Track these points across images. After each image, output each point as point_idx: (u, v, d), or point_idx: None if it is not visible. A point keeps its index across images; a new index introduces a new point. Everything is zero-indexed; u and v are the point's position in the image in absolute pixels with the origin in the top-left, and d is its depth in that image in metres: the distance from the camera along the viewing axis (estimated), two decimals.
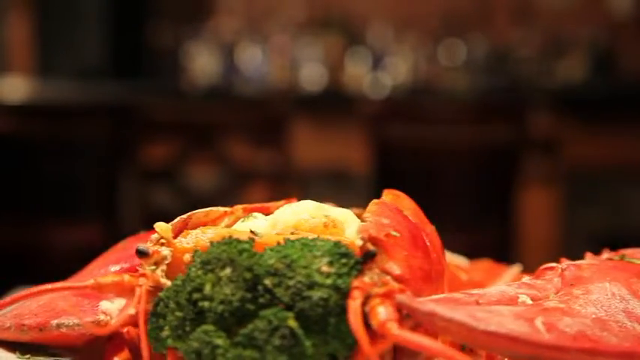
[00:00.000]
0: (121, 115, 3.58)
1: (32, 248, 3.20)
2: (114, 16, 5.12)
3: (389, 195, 0.90)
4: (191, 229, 0.85)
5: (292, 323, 0.70)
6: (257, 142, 3.74)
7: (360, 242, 0.74)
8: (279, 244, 0.75)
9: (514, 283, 0.77)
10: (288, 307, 0.71)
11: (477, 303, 0.69)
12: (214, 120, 3.78)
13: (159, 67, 5.19)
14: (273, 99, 4.18)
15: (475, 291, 0.74)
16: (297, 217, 0.83)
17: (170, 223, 0.85)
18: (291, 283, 0.71)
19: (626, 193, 3.89)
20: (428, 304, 0.66)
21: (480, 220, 3.09)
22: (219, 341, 0.71)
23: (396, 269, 0.72)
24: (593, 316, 0.68)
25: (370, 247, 0.73)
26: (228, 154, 3.70)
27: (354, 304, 0.68)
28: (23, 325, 0.88)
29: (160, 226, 0.84)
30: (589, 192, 3.88)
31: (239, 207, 0.90)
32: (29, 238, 3.20)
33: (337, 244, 0.73)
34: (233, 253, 0.74)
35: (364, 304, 0.69)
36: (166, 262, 0.81)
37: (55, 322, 0.86)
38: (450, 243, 0.97)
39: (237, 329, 0.72)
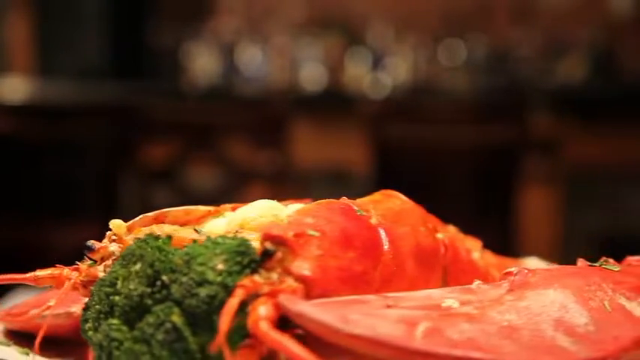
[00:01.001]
0: (121, 115, 3.57)
1: (32, 248, 3.20)
2: (114, 16, 5.12)
3: (378, 195, 0.90)
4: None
5: (176, 319, 0.71)
6: (257, 142, 3.74)
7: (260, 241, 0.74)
8: (192, 241, 0.77)
9: (453, 288, 0.76)
10: (179, 303, 0.72)
11: (388, 306, 0.67)
12: (214, 120, 3.78)
13: (159, 67, 5.19)
14: (273, 99, 4.17)
15: (394, 294, 0.72)
16: (245, 216, 0.83)
17: (133, 220, 0.88)
18: (184, 279, 0.72)
19: (626, 193, 3.89)
20: (300, 304, 0.65)
21: (479, 220, 3.09)
22: (117, 334, 0.74)
23: (298, 269, 0.71)
24: (505, 323, 0.66)
25: (268, 245, 0.72)
26: (228, 154, 3.70)
27: (230, 302, 0.68)
28: (10, 314, 0.93)
29: (114, 222, 0.87)
30: (589, 192, 3.88)
31: (227, 206, 0.91)
32: (29, 238, 3.20)
33: (240, 242, 0.74)
34: (144, 250, 0.76)
35: (252, 302, 0.69)
36: (113, 257, 0.83)
37: (37, 310, 0.89)
38: None
39: (137, 323, 0.74)
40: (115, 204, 3.39)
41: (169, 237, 0.77)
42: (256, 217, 0.83)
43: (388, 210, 0.86)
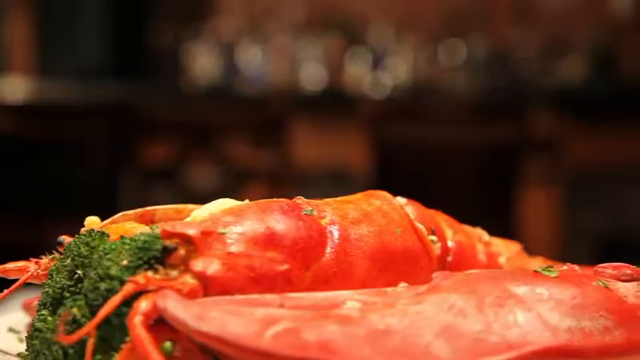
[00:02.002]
0: (121, 115, 3.57)
1: (32, 248, 3.19)
2: (114, 16, 5.12)
3: (359, 194, 0.90)
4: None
5: (77, 311, 0.74)
6: (257, 142, 3.74)
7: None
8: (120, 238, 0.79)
9: (371, 290, 0.75)
10: (86, 297, 0.74)
11: (280, 306, 0.67)
12: (214, 120, 3.78)
13: (159, 67, 5.19)
14: (273, 99, 4.17)
15: (297, 294, 0.71)
16: (195, 214, 0.84)
17: (112, 217, 0.90)
18: (92, 274, 0.74)
19: (627, 193, 3.88)
20: (168, 300, 0.65)
21: (479, 220, 3.09)
22: (40, 325, 0.77)
23: (197, 266, 0.71)
24: (380, 327, 0.64)
25: (167, 242, 0.73)
26: (228, 154, 3.70)
27: (114, 297, 0.69)
28: None
29: (88, 219, 0.90)
30: (589, 192, 3.88)
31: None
32: (29, 238, 3.20)
33: (146, 239, 0.74)
34: (76, 245, 0.79)
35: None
36: None
37: None
38: None
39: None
40: (115, 204, 3.39)
41: (102, 233, 0.79)
42: (203, 214, 0.84)
43: (356, 210, 0.85)
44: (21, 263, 0.88)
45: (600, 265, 0.79)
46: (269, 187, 3.68)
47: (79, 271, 0.77)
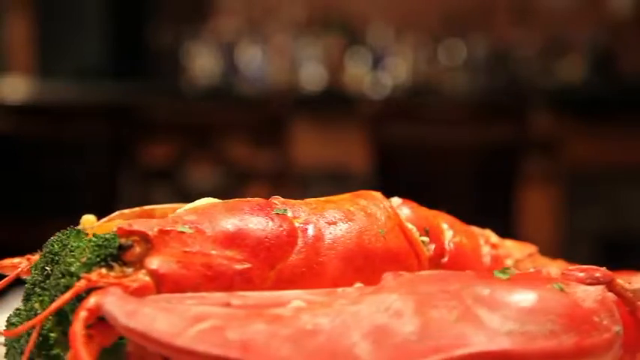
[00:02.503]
0: (121, 115, 3.58)
1: (32, 248, 3.19)
2: (114, 16, 5.12)
3: (347, 194, 0.90)
4: None
5: (37, 306, 0.76)
6: (257, 142, 3.75)
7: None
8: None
9: (323, 290, 0.74)
10: (50, 292, 0.76)
11: (227, 304, 0.67)
12: (214, 120, 3.78)
13: (159, 67, 5.20)
14: (273, 99, 4.18)
15: (245, 293, 0.71)
16: (174, 212, 0.85)
17: (109, 216, 0.91)
18: (56, 270, 0.76)
19: (626, 193, 3.89)
20: (106, 297, 0.65)
21: (479, 220, 3.09)
22: (15, 319, 0.79)
23: (150, 264, 0.72)
24: (308, 327, 0.63)
25: (123, 240, 0.73)
26: (228, 154, 3.70)
27: (65, 294, 0.70)
28: None
29: (84, 217, 0.92)
30: (589, 192, 3.89)
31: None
32: (29, 237, 3.20)
33: (107, 236, 0.76)
34: (51, 242, 0.80)
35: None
36: None
37: None
38: None
39: None
40: (115, 204, 3.39)
41: (78, 231, 0.80)
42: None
43: (336, 211, 0.85)
44: (17, 260, 0.89)
45: (570, 267, 0.77)
46: (269, 187, 3.68)
47: (48, 267, 0.78)
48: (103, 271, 0.72)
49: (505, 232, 1.07)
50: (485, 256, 0.95)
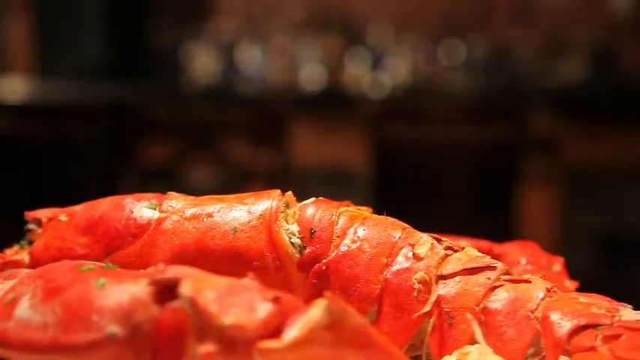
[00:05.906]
0: (121, 115, 3.58)
1: None
2: (114, 16, 5.12)
3: (254, 192, 0.91)
4: None
5: None
6: (257, 142, 3.75)
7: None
8: None
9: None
10: None
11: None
12: (214, 120, 3.78)
13: (159, 67, 5.20)
14: (273, 99, 4.18)
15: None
16: None
17: None
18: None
19: (626, 193, 3.89)
20: None
21: (479, 220, 3.09)
22: None
23: (34, 244, 0.87)
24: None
25: (29, 225, 0.89)
26: (228, 154, 3.70)
27: None
28: None
29: None
30: (589, 192, 3.89)
31: None
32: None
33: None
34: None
35: None
36: None
37: None
38: None
39: None
40: None
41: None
42: None
43: (206, 207, 0.89)
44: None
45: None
46: (268, 187, 3.67)
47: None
48: (16, 248, 0.88)
49: (505, 231, 1.07)
50: (398, 265, 0.84)
